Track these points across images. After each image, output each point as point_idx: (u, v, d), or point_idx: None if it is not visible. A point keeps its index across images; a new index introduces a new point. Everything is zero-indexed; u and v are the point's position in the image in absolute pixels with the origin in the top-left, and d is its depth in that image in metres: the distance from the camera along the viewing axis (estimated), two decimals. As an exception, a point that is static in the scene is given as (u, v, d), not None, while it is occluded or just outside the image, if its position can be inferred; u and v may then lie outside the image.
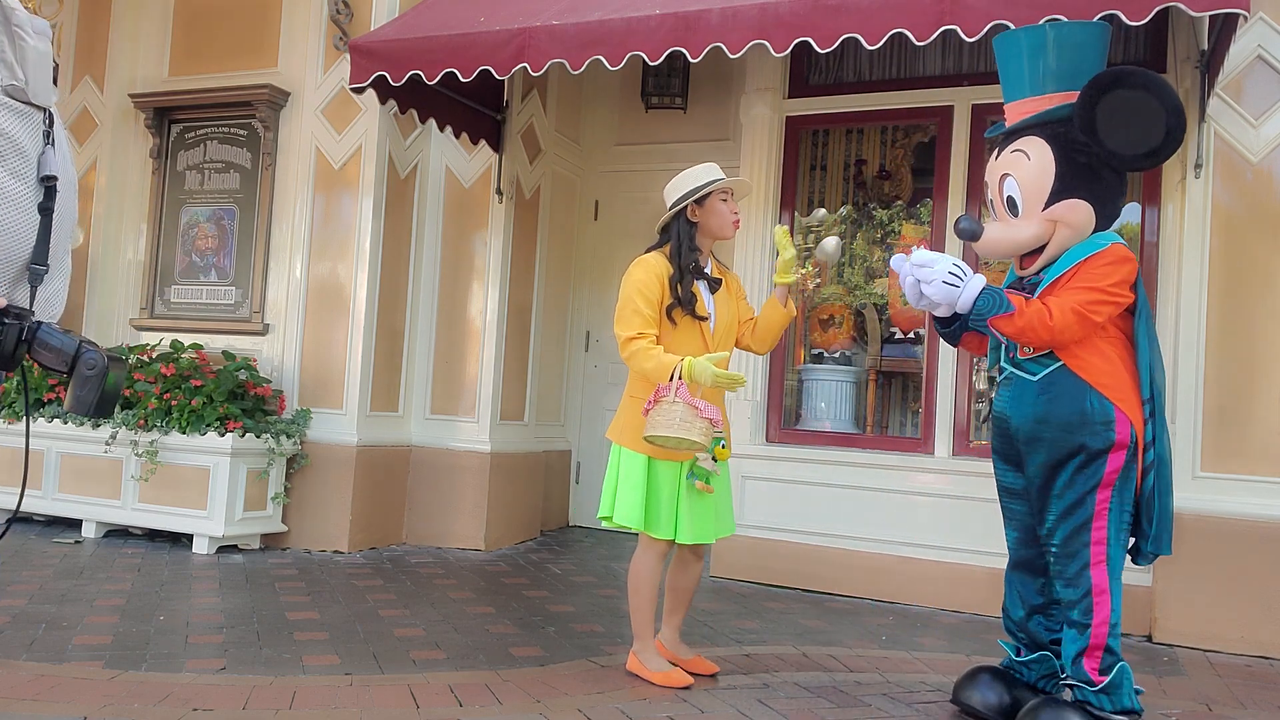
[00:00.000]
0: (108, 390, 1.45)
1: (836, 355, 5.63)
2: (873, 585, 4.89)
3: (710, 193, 3.24)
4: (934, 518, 4.82)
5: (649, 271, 3.18)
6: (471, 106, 5.61)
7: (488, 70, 4.48)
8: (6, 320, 1.44)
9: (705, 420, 2.96)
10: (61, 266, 1.56)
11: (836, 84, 5.49)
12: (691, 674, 3.27)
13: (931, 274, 2.76)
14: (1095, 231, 2.81)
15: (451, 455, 5.73)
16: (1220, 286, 4.28)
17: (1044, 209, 2.79)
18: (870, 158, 5.74)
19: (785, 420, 5.45)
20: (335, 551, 5.33)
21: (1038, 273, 2.86)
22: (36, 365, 1.47)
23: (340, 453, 5.38)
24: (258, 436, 5.17)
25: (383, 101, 5.15)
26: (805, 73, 5.52)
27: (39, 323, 1.46)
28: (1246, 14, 3.54)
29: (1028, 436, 2.82)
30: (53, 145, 1.52)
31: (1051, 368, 2.78)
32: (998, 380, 3.00)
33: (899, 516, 4.87)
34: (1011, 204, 2.86)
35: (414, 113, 5.27)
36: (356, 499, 5.37)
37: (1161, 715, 3.14)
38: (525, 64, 4.39)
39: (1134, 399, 2.73)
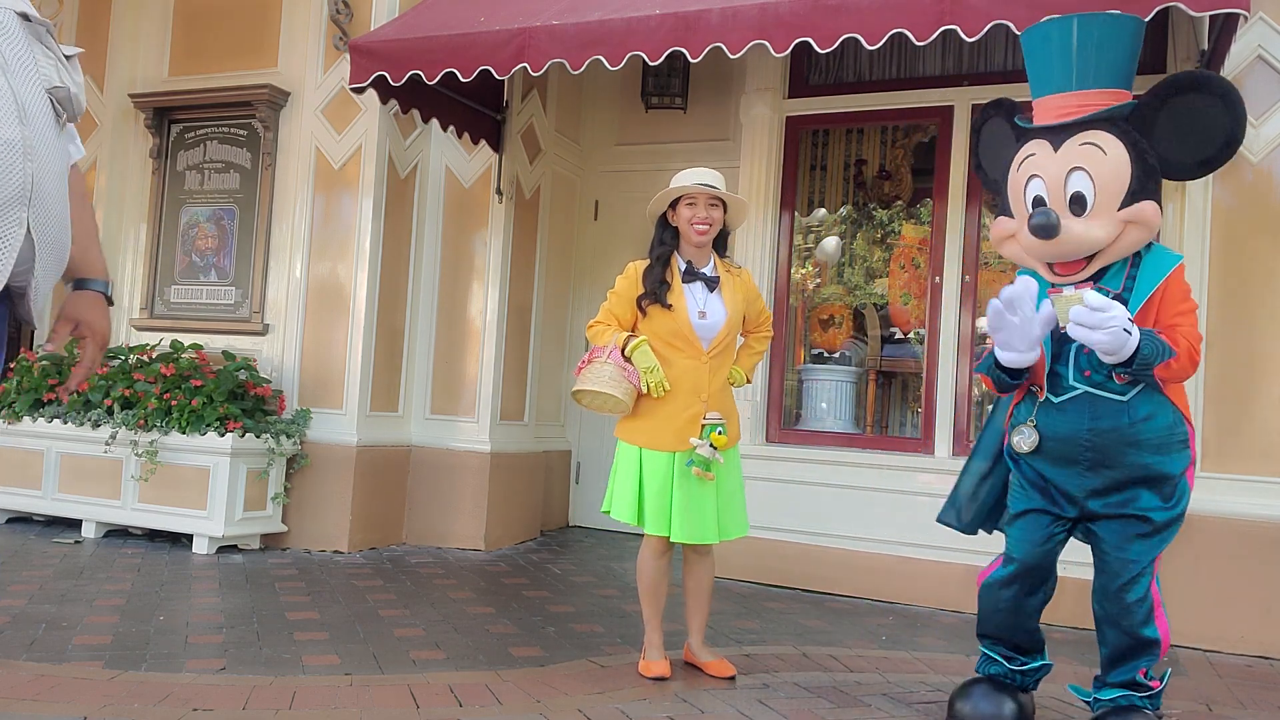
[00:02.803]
0: None
1: (836, 355, 5.63)
2: (873, 585, 4.89)
3: (680, 198, 3.32)
4: (934, 517, 4.81)
5: (626, 274, 3.38)
6: (471, 106, 5.61)
7: (488, 70, 4.48)
8: None
9: (631, 384, 3.14)
10: (6, 238, 1.46)
11: (836, 84, 5.49)
12: (710, 676, 3.32)
13: (1109, 320, 2.46)
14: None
15: (451, 455, 5.73)
16: (1220, 286, 4.28)
17: (1119, 209, 2.61)
18: (870, 158, 5.74)
19: (785, 420, 5.45)
20: (335, 551, 5.33)
21: (1089, 280, 2.69)
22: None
23: (340, 453, 5.38)
24: (258, 436, 5.17)
25: (383, 101, 5.15)
26: (805, 73, 5.52)
27: None
28: (1246, 14, 3.55)
29: (1117, 461, 2.65)
30: None
31: (1139, 387, 2.64)
32: (1053, 400, 2.73)
33: (899, 516, 4.87)
34: (1078, 200, 2.63)
35: (415, 113, 5.27)
36: (356, 499, 5.37)
37: (1162, 715, 3.14)
38: (525, 64, 4.39)
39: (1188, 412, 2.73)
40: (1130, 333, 2.49)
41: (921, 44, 3.74)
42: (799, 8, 3.88)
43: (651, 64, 4.18)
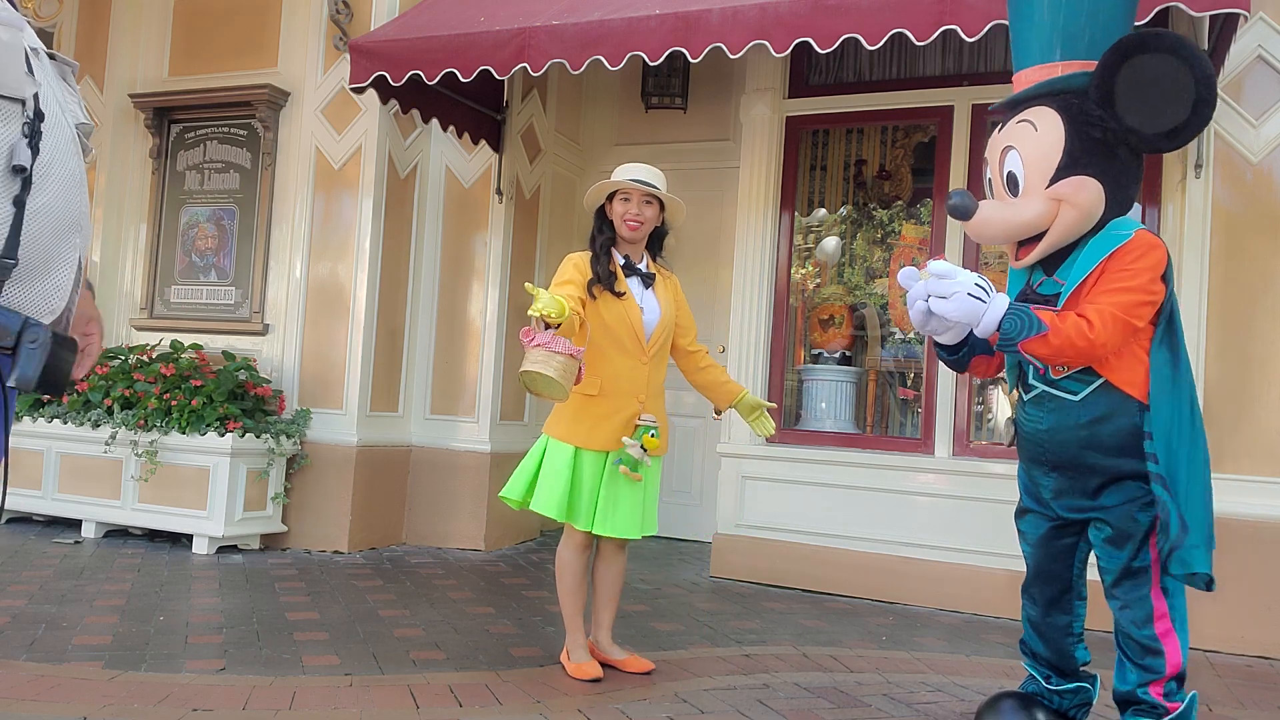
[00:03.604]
0: (50, 366, 1.40)
1: (836, 355, 5.63)
2: (873, 585, 4.88)
3: (615, 192, 3.33)
4: (934, 518, 4.82)
5: (574, 264, 3.31)
6: (472, 106, 5.61)
7: (488, 70, 4.48)
8: None
9: (560, 356, 2.99)
10: (60, 261, 1.54)
11: (836, 84, 5.49)
12: (629, 672, 3.30)
13: (952, 286, 2.37)
14: (1107, 219, 2.49)
15: (451, 455, 5.73)
16: (1220, 286, 4.28)
17: (1047, 187, 2.45)
18: (870, 158, 5.74)
19: (785, 420, 5.45)
20: (335, 551, 5.33)
21: (1047, 273, 2.54)
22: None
23: (340, 453, 5.38)
24: (258, 436, 5.17)
25: (384, 101, 5.15)
26: (805, 73, 5.52)
27: None
28: (1247, 14, 3.55)
29: (1072, 462, 2.51)
30: (29, 137, 1.49)
31: (1094, 384, 2.47)
32: (1024, 397, 2.64)
33: (899, 516, 4.87)
34: (1012, 181, 2.51)
35: (415, 113, 5.27)
36: (356, 499, 5.37)
37: None
38: (525, 64, 4.39)
39: None
40: (983, 301, 2.34)
41: (921, 44, 3.74)
42: (799, 8, 3.88)
43: (651, 64, 4.18)
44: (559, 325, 2.96)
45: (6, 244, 1.45)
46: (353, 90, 4.97)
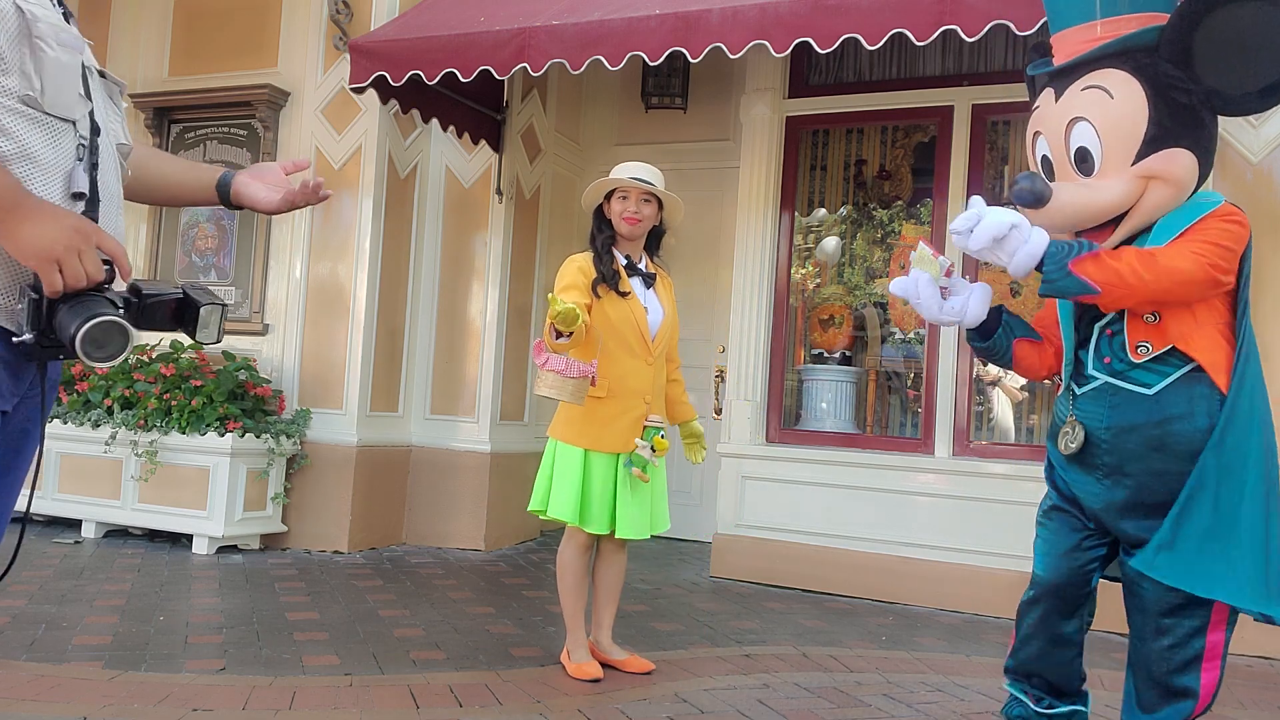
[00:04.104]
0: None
1: (836, 355, 5.63)
2: (873, 585, 4.88)
3: (613, 191, 3.34)
4: (934, 518, 4.82)
5: (578, 265, 3.30)
6: (471, 106, 5.61)
7: (488, 70, 4.48)
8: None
9: (572, 379, 3.03)
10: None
11: (836, 84, 5.49)
12: (629, 672, 3.30)
13: (977, 216, 2.04)
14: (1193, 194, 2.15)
15: (451, 455, 5.73)
16: (1220, 286, 4.27)
17: (1134, 163, 2.09)
18: (870, 158, 5.74)
19: (785, 420, 5.45)
20: (335, 552, 5.32)
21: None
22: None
23: (340, 453, 5.38)
24: (257, 437, 5.17)
25: (383, 101, 5.15)
26: (805, 73, 5.52)
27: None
28: (1247, 14, 3.53)
29: (1139, 469, 2.12)
30: (84, 160, 1.50)
31: (1175, 374, 2.09)
32: (1076, 392, 2.26)
33: (899, 516, 4.87)
34: (1083, 158, 2.15)
35: (415, 113, 5.27)
36: (356, 499, 5.37)
37: None
38: (525, 64, 4.39)
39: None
40: (1016, 224, 2.00)
41: (921, 44, 3.74)
42: (799, 8, 3.88)
43: (651, 64, 4.19)
44: (571, 334, 2.96)
45: None
46: (353, 90, 4.97)
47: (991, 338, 2.37)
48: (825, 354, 5.64)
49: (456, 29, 4.62)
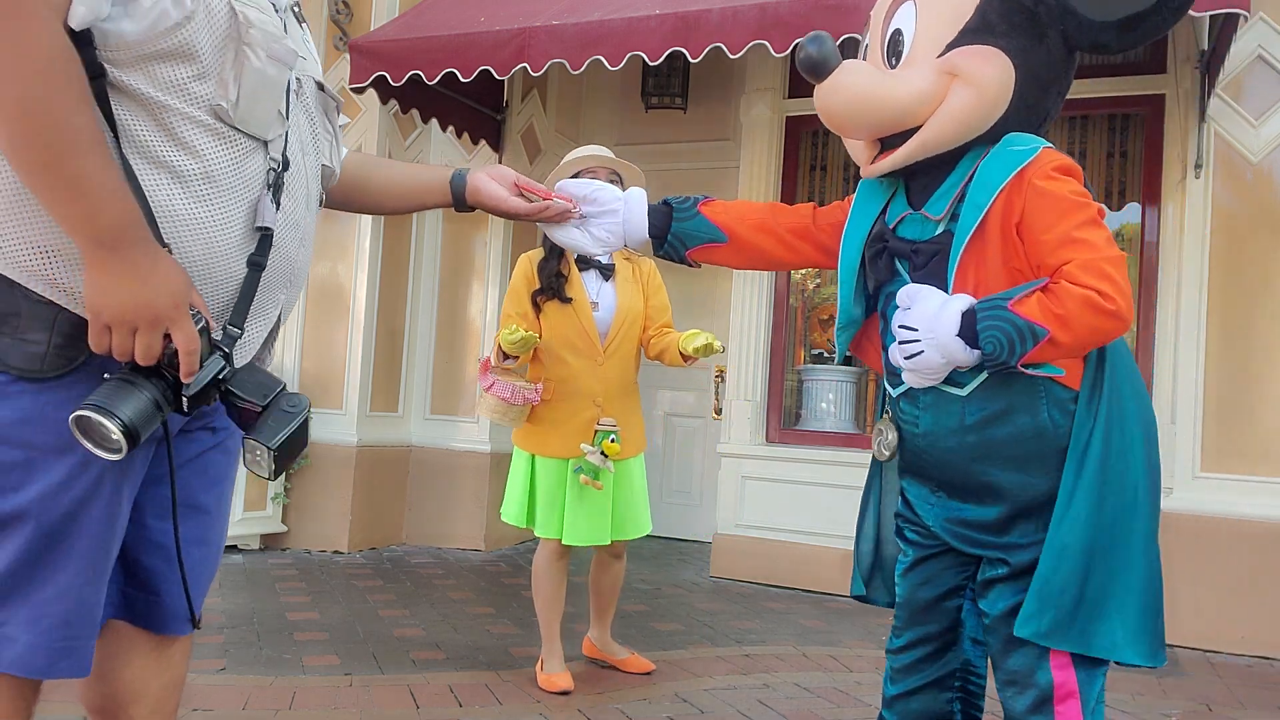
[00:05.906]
0: (297, 434, 1.29)
1: (836, 355, 5.63)
2: (873, 585, 4.88)
3: (578, 174, 3.03)
4: (934, 518, 4.81)
5: (519, 269, 3.22)
6: (471, 106, 5.61)
7: (488, 70, 4.48)
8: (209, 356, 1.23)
9: (516, 405, 3.04)
10: (259, 314, 1.38)
11: (836, 84, 5.48)
12: (629, 672, 3.30)
13: (911, 341, 1.57)
14: (1004, 130, 1.63)
15: (451, 455, 5.73)
16: (1220, 287, 4.27)
17: (941, 54, 1.62)
18: (870, 158, 5.73)
19: (785, 420, 5.45)
20: (335, 551, 5.33)
21: (913, 206, 1.71)
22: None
23: (340, 453, 5.38)
24: (258, 436, 5.16)
25: (383, 101, 5.15)
26: (805, 73, 5.51)
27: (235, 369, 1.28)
28: (1247, 14, 3.54)
29: (958, 480, 1.69)
30: (272, 188, 1.32)
31: (985, 372, 1.59)
32: (890, 392, 1.80)
33: (899, 516, 4.86)
34: (895, 44, 1.71)
35: (415, 113, 5.27)
36: (356, 499, 5.37)
37: (1162, 715, 3.15)
38: (525, 64, 4.39)
39: None
40: (935, 331, 1.53)
41: (921, 44, 3.73)
42: (799, 8, 3.88)
43: (651, 64, 4.18)
44: (518, 357, 3.01)
45: (235, 310, 1.31)
46: (353, 90, 4.97)
47: (663, 246, 2.02)
48: (825, 354, 5.64)
49: (456, 29, 4.63)
